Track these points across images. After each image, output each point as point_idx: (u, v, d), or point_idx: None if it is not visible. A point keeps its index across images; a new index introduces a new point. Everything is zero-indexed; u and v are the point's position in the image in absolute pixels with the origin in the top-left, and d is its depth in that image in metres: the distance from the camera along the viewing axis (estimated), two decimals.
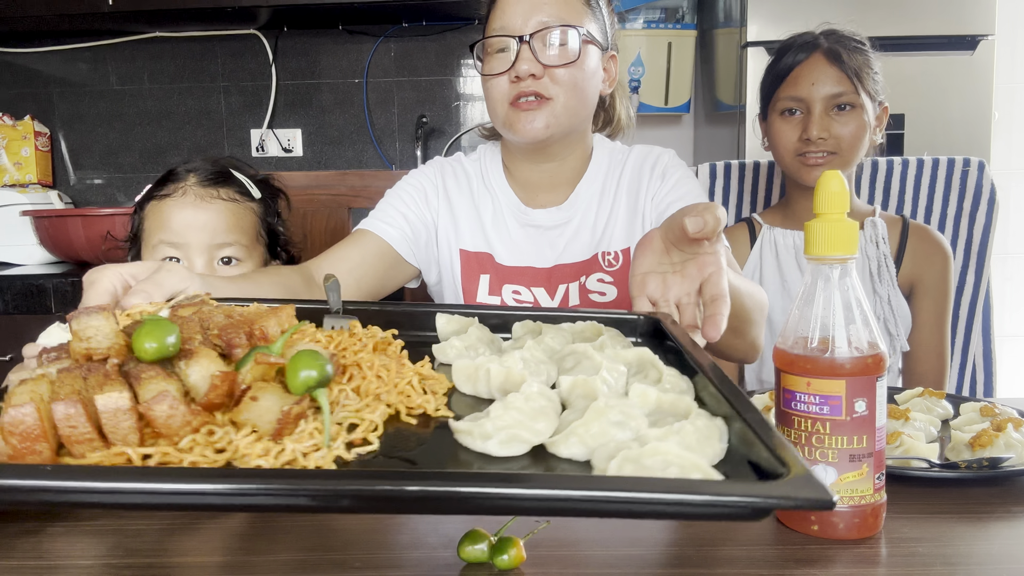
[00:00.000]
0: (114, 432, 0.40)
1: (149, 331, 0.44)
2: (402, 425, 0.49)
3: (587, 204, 1.16)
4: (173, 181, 1.09)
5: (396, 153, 2.60)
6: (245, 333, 0.48)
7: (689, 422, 0.46)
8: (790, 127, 1.30)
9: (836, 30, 1.31)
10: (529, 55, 1.03)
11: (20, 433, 0.38)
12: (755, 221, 1.43)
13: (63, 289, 1.86)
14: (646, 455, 0.42)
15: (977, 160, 1.52)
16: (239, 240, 1.09)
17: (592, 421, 0.46)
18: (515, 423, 0.47)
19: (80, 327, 0.44)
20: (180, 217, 1.05)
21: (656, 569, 0.55)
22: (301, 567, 0.56)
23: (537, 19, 1.04)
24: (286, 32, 2.55)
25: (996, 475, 0.69)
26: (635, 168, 1.16)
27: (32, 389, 0.40)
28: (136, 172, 2.64)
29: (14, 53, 2.57)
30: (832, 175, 0.61)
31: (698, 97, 2.56)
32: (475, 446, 0.46)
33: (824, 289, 0.61)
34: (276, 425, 0.42)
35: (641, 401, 0.50)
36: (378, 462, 0.44)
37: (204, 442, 0.41)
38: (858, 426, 0.58)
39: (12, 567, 0.57)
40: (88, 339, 0.45)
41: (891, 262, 1.34)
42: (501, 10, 1.06)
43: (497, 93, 1.07)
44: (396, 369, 0.52)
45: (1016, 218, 2.49)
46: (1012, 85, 2.43)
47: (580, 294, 1.13)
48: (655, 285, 0.72)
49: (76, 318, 0.45)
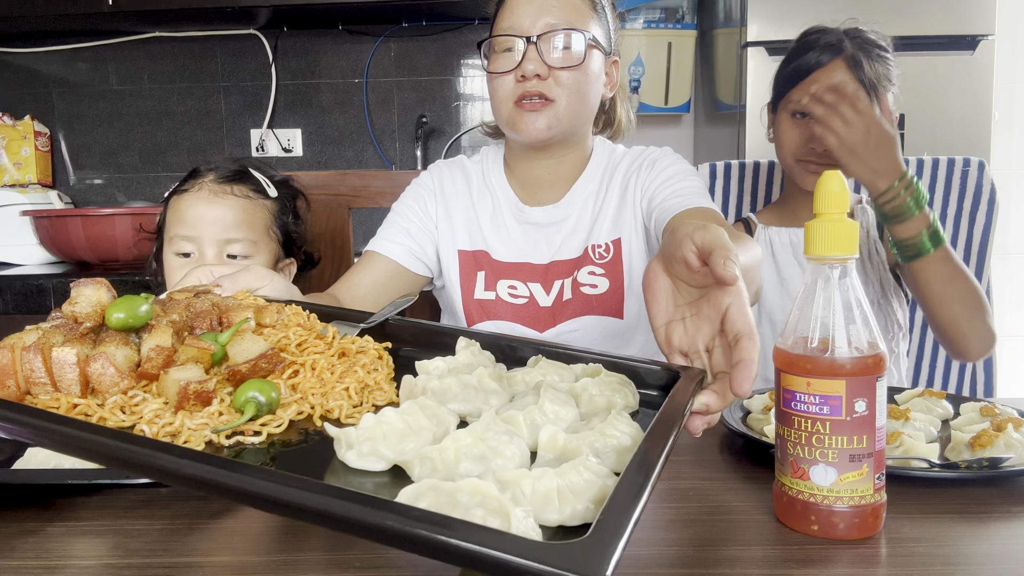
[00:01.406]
0: (60, 381, 0.48)
1: (121, 304, 0.50)
2: (311, 425, 0.52)
3: (583, 202, 1.17)
4: (193, 178, 1.14)
5: (396, 153, 2.60)
6: (214, 319, 0.55)
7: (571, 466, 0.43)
8: (798, 129, 1.28)
9: (861, 31, 1.27)
10: (535, 56, 1.05)
11: None
12: (751, 221, 1.43)
13: (63, 289, 1.86)
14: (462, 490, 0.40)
15: (977, 160, 1.52)
16: (248, 236, 1.12)
17: (448, 448, 0.45)
18: (379, 437, 0.46)
19: (75, 293, 0.51)
20: (194, 211, 1.10)
21: (656, 569, 0.55)
22: (301, 567, 0.56)
23: (544, 21, 1.06)
24: (286, 32, 2.55)
25: (996, 475, 0.69)
26: (628, 165, 1.18)
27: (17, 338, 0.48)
28: (136, 172, 2.64)
29: (14, 53, 2.58)
30: (832, 175, 0.61)
31: (698, 97, 2.56)
32: (340, 454, 0.47)
33: (824, 289, 0.61)
34: (177, 398, 0.48)
35: (547, 442, 0.48)
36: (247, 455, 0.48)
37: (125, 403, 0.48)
38: (858, 426, 0.58)
39: (12, 567, 0.57)
40: (75, 303, 0.52)
41: (881, 246, 1.34)
42: (510, 10, 1.08)
43: (502, 91, 1.09)
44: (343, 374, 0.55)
45: (1016, 218, 2.49)
46: (1012, 85, 2.43)
47: (572, 288, 1.15)
48: (680, 336, 0.63)
49: (76, 285, 0.52)
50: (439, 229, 1.21)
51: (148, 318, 0.52)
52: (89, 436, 0.42)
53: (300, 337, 0.58)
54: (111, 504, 0.68)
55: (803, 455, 0.59)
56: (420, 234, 1.19)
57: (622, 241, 1.15)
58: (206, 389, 0.49)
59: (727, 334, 0.58)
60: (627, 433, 0.50)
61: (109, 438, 0.42)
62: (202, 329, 0.55)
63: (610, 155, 1.20)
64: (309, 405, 0.53)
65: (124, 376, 0.49)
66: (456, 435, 0.46)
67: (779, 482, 0.62)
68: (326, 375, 0.55)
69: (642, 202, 1.14)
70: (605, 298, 1.14)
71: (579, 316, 1.14)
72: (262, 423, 0.50)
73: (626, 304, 1.14)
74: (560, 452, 0.47)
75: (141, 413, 0.48)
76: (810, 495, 0.59)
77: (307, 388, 0.53)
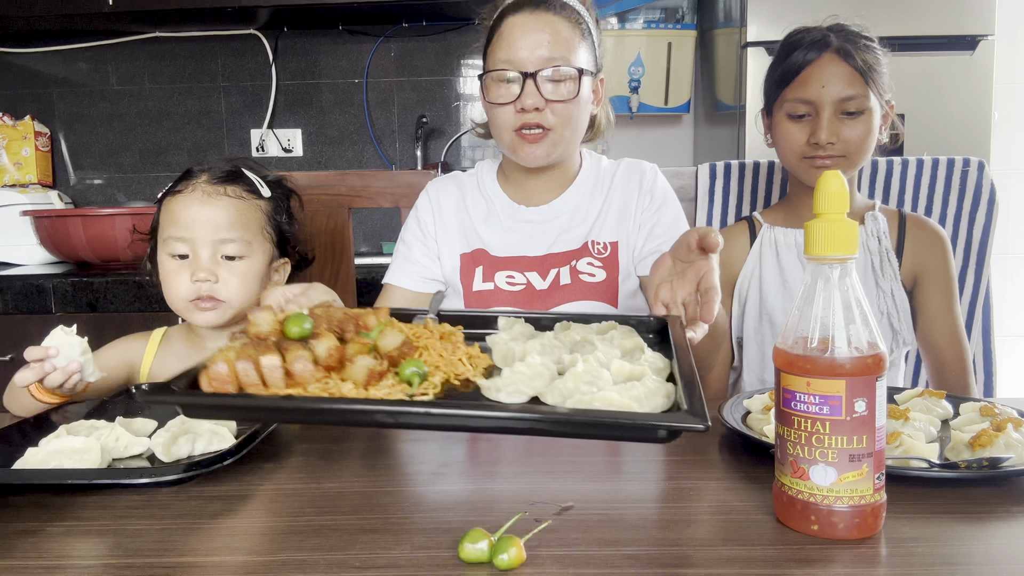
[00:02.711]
0: (270, 379, 0.65)
1: (294, 321, 0.70)
2: (451, 385, 0.70)
3: (577, 202, 1.27)
4: (187, 178, 1.14)
5: (396, 153, 2.60)
6: (354, 324, 0.74)
7: (640, 383, 0.65)
8: (798, 129, 1.26)
9: (844, 26, 1.27)
10: (533, 90, 1.14)
11: (217, 380, 0.64)
12: (755, 220, 1.42)
13: (63, 289, 1.86)
14: (597, 399, 0.62)
15: (977, 160, 1.52)
16: (242, 236, 1.12)
17: (569, 379, 0.66)
18: (519, 381, 0.67)
19: (253, 318, 0.71)
20: (187, 212, 1.10)
21: (656, 569, 0.55)
22: (301, 567, 0.56)
23: (540, 55, 1.14)
24: (286, 32, 2.55)
25: (996, 475, 0.69)
26: (625, 178, 1.29)
27: (224, 354, 0.65)
28: (136, 172, 2.64)
29: (14, 53, 2.58)
30: (832, 175, 0.61)
31: (698, 97, 2.56)
32: (491, 396, 0.66)
33: (824, 289, 0.61)
34: (365, 378, 0.66)
35: (616, 370, 0.68)
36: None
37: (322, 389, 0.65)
38: (858, 426, 0.58)
39: (12, 567, 0.57)
40: (257, 325, 0.70)
41: (893, 256, 1.33)
42: (507, 43, 1.16)
43: (502, 120, 1.18)
44: (452, 351, 0.75)
45: (1016, 218, 2.49)
46: (1012, 85, 2.43)
47: (571, 275, 1.23)
48: (665, 292, 0.90)
49: (253, 313, 0.71)
50: (439, 242, 1.29)
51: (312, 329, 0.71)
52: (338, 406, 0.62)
53: (412, 329, 0.77)
54: (111, 504, 0.69)
55: (803, 455, 0.59)
56: (425, 258, 1.29)
57: (619, 245, 1.25)
58: (382, 369, 0.68)
59: (700, 289, 0.87)
60: (657, 358, 0.73)
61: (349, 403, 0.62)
62: (351, 331, 0.73)
63: (597, 164, 1.31)
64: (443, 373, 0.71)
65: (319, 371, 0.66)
66: (572, 372, 0.67)
67: (779, 482, 0.62)
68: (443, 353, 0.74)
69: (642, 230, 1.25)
70: (603, 287, 1.22)
71: (575, 300, 1.22)
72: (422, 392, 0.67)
73: (620, 295, 1.23)
74: (627, 374, 0.68)
75: (342, 392, 0.65)
76: (810, 495, 0.59)
77: (435, 361, 0.72)
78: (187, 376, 0.65)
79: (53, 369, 0.91)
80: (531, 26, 1.15)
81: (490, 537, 0.56)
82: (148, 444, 0.82)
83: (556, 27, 1.16)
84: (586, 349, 0.77)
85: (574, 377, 0.66)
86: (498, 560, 0.55)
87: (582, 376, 0.67)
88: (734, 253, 1.39)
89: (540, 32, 1.15)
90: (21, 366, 0.93)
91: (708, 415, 0.55)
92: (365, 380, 0.66)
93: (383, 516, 0.65)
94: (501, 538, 0.56)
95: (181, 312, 1.13)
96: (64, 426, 0.83)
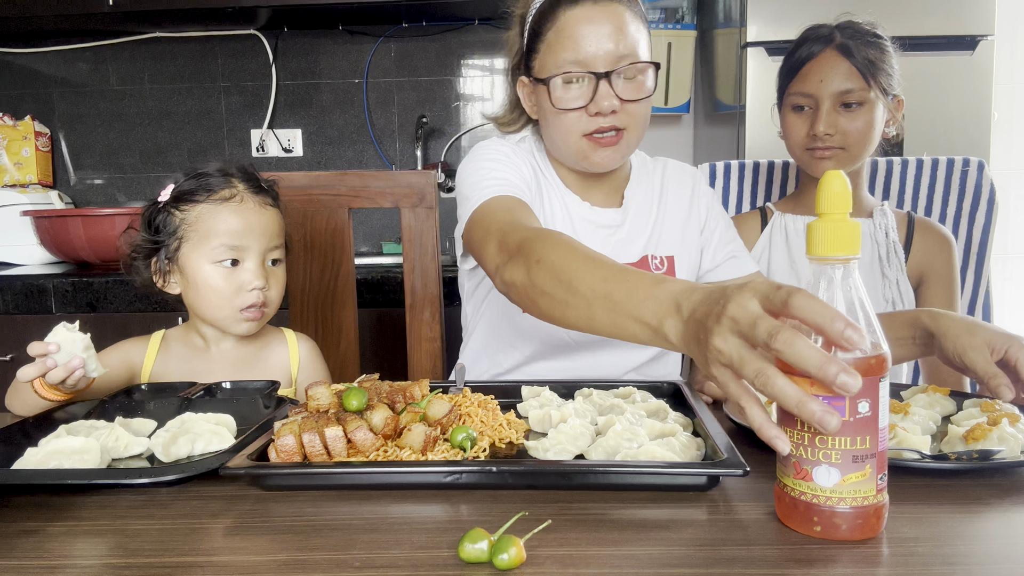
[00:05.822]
0: (334, 449, 0.74)
1: (351, 395, 0.80)
2: (497, 448, 0.81)
3: (637, 209, 1.21)
4: (224, 187, 1.10)
5: (396, 153, 2.60)
6: (402, 395, 0.84)
7: (675, 438, 0.75)
8: (800, 122, 1.32)
9: (853, 22, 1.31)
10: (608, 91, 1.05)
11: (285, 451, 0.73)
12: (768, 209, 1.46)
13: (63, 289, 1.86)
14: (641, 453, 0.72)
15: (977, 160, 1.52)
16: (282, 243, 1.16)
17: (611, 438, 0.76)
18: (564, 441, 0.77)
19: (312, 393, 0.81)
20: (244, 221, 1.09)
21: (656, 569, 0.55)
22: (301, 567, 0.56)
23: (611, 51, 1.04)
24: (286, 32, 2.55)
25: (984, 467, 0.70)
26: (676, 188, 1.25)
27: (290, 427, 0.74)
28: (136, 172, 2.64)
29: (14, 53, 2.58)
30: (834, 175, 0.61)
31: (698, 97, 2.56)
32: (538, 455, 0.77)
33: (827, 289, 0.61)
34: (422, 444, 0.75)
35: (649, 428, 0.79)
36: None
37: (381, 456, 0.75)
38: (861, 427, 0.58)
39: (12, 567, 0.57)
40: (317, 399, 0.81)
41: (900, 249, 1.36)
42: (574, 41, 1.05)
43: (570, 125, 1.09)
44: (492, 416, 0.86)
45: (1016, 218, 2.49)
46: (1012, 85, 2.43)
47: None
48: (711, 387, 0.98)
49: (312, 388, 0.81)
50: None
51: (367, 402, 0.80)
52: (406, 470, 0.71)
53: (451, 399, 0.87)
54: (111, 504, 0.68)
55: (806, 456, 0.59)
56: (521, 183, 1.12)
57: (675, 259, 1.20)
58: (438, 436, 0.77)
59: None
60: (679, 416, 0.85)
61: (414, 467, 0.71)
62: (400, 403, 0.83)
63: (643, 163, 1.26)
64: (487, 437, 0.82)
65: (377, 439, 0.75)
66: (613, 431, 0.77)
67: (781, 483, 0.62)
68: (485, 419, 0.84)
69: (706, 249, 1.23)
70: None
71: None
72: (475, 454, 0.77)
73: None
74: (659, 432, 0.78)
75: (401, 457, 0.74)
76: (813, 496, 0.59)
77: (479, 427, 0.82)
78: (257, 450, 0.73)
79: (55, 365, 0.91)
80: (598, 18, 1.04)
81: (490, 537, 0.56)
82: (148, 444, 0.82)
83: (622, 17, 1.05)
84: (616, 410, 0.86)
85: (615, 435, 0.75)
86: (498, 560, 0.55)
87: (622, 435, 0.75)
88: (745, 240, 1.41)
89: (607, 24, 1.04)
90: (21, 366, 0.93)
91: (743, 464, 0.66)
92: (423, 446, 0.74)
93: (383, 516, 0.65)
94: (501, 538, 0.56)
95: (220, 321, 1.10)
96: (64, 426, 0.83)
